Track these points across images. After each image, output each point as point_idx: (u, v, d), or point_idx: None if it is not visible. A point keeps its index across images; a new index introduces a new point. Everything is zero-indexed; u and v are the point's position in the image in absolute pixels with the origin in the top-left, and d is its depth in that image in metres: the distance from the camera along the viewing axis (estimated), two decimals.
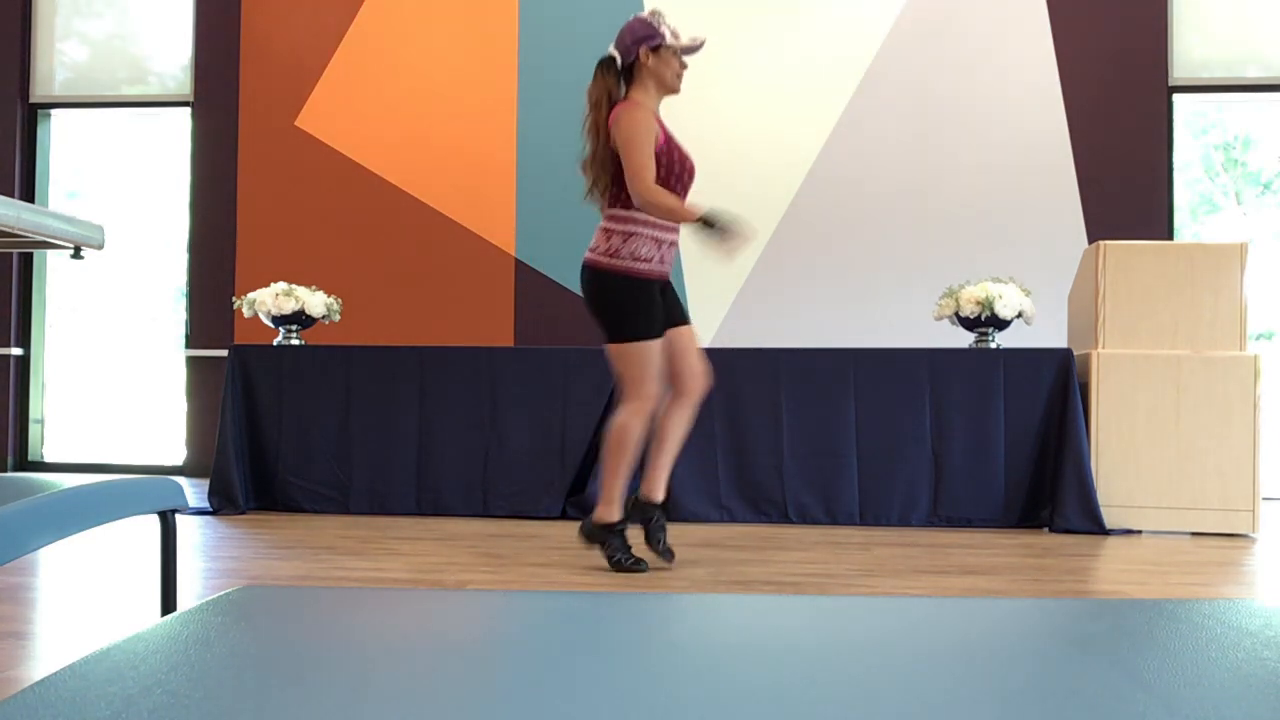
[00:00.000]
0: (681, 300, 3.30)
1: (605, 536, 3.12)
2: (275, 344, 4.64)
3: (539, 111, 5.90)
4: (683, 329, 3.20)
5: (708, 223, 2.89)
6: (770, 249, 5.78)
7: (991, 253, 5.64)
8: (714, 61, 4.69)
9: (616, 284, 3.05)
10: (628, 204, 3.04)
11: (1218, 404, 4.10)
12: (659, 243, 3.07)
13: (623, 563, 3.09)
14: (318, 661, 0.78)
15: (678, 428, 3.19)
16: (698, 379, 3.19)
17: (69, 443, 6.50)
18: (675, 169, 3.07)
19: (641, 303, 3.05)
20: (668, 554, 3.20)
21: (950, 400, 4.27)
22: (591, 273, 3.09)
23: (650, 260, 3.06)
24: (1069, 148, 5.66)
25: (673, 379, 3.17)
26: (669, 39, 3.08)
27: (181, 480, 5.58)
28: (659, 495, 3.20)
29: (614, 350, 3.08)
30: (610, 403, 4.37)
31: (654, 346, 3.07)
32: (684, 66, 3.13)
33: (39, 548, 0.97)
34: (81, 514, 1.05)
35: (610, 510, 3.12)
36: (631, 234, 3.04)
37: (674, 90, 3.14)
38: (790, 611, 0.98)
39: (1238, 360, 4.11)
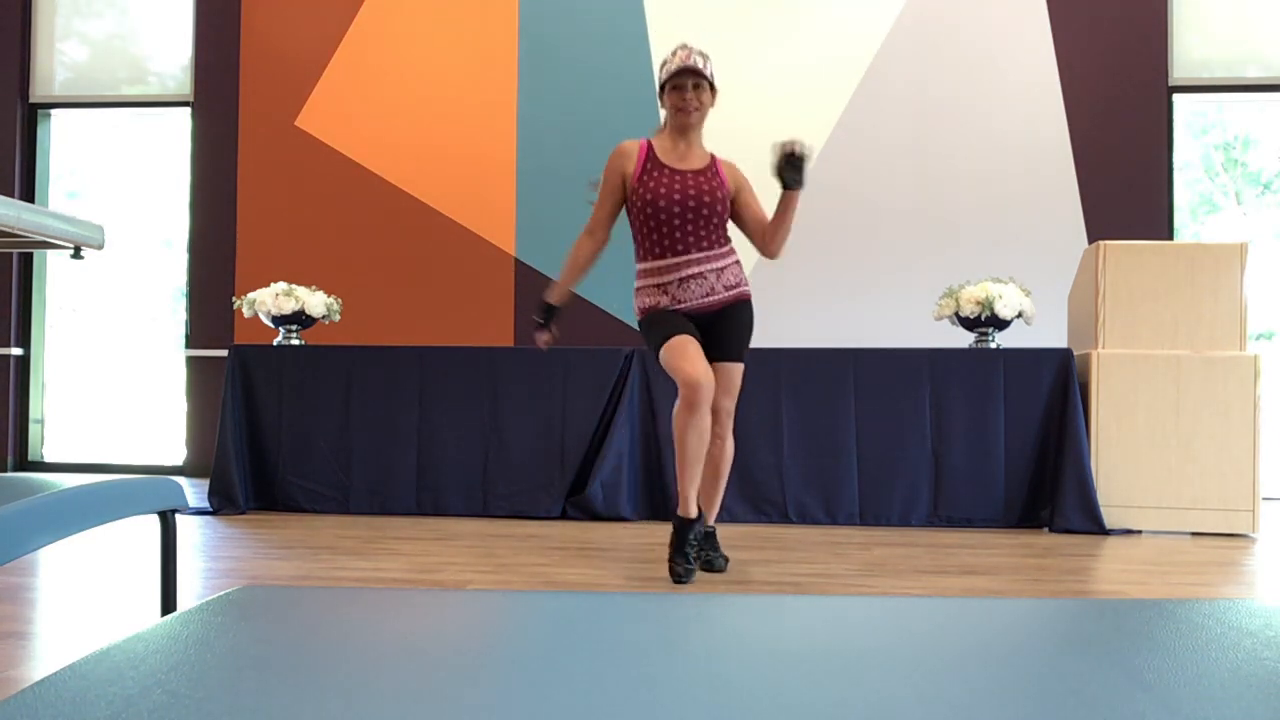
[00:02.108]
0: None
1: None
2: (275, 344, 4.64)
3: (539, 111, 5.90)
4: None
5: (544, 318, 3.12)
6: None
7: (991, 253, 5.64)
8: (714, 62, 4.67)
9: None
10: (639, 256, 3.08)
11: (1218, 404, 4.10)
12: (660, 287, 3.01)
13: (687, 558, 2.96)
14: (318, 661, 0.78)
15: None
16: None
17: (69, 443, 6.50)
18: (640, 207, 2.99)
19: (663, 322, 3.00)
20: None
21: (950, 400, 4.27)
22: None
23: (657, 306, 3.02)
24: (1069, 148, 5.67)
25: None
26: (662, 78, 3.02)
27: (181, 480, 5.59)
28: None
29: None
30: (611, 402, 4.38)
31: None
32: (680, 98, 2.98)
33: (39, 548, 0.97)
34: (81, 514, 1.05)
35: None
36: (637, 289, 3.10)
37: (677, 125, 3.02)
38: (790, 611, 0.98)
39: (1238, 360, 4.11)
